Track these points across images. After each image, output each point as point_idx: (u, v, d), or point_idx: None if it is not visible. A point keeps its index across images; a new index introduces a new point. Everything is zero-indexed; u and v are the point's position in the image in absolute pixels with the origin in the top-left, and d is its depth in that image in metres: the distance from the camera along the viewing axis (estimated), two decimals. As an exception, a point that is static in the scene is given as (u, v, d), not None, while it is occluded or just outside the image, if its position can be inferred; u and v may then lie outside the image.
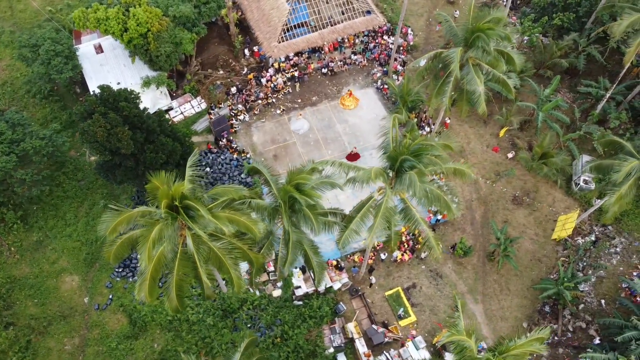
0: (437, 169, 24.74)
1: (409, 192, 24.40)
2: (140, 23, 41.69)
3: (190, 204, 23.00)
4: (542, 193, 44.67)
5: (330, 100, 49.03)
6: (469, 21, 32.13)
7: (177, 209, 23.12)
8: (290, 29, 48.08)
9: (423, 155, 24.45)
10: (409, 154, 24.59)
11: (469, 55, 31.75)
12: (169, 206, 23.15)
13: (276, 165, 45.20)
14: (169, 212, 22.93)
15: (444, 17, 34.16)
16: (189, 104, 47.66)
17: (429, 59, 32.94)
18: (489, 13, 31.24)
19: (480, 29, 30.61)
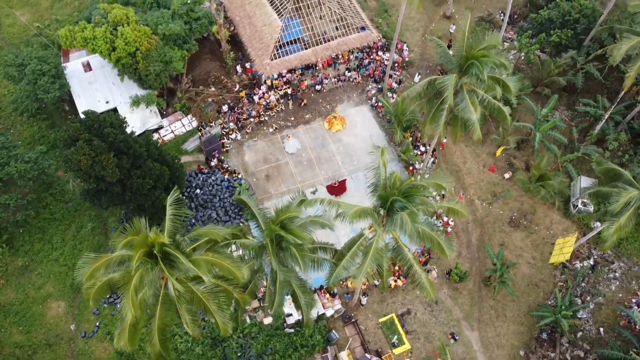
0: (430, 209, 23.78)
1: (401, 232, 23.47)
2: (128, 42, 40.70)
3: (170, 252, 22.03)
4: (539, 215, 43.79)
5: (324, 118, 48.08)
6: (463, 47, 31.16)
7: (157, 256, 22.14)
8: (282, 45, 47.13)
9: (415, 196, 23.52)
10: (400, 195, 23.66)
11: (463, 81, 30.82)
12: (148, 253, 22.17)
13: (268, 186, 44.31)
14: (147, 260, 21.96)
15: (437, 43, 33.18)
16: (180, 122, 46.68)
17: (422, 85, 31.99)
18: (483, 38, 30.26)
19: (474, 57, 29.69)
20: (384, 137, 46.90)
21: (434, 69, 51.12)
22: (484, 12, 54.91)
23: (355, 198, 43.63)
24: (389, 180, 24.52)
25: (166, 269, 21.62)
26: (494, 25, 53.65)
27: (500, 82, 30.55)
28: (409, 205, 22.93)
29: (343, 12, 48.81)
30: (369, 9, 54.69)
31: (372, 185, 26.03)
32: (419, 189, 23.60)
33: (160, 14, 44.23)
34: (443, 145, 44.90)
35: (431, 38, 33.92)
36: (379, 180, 25.24)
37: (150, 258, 22.31)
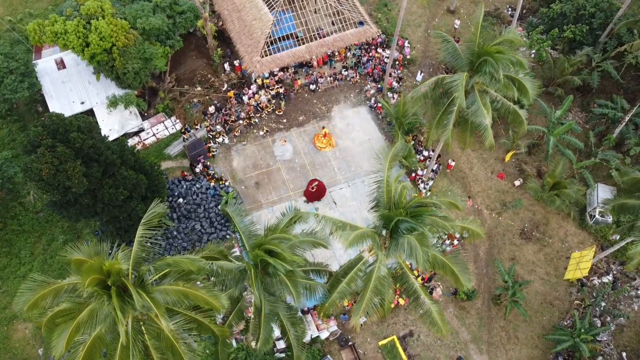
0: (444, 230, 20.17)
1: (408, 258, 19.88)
2: (103, 37, 37.01)
3: (126, 283, 18.37)
4: (552, 226, 40.26)
5: (319, 120, 44.45)
6: (474, 42, 27.57)
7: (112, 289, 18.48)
8: (274, 41, 43.46)
9: (424, 216, 19.92)
10: (406, 214, 20.06)
11: (475, 81, 27.22)
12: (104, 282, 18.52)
13: (258, 195, 40.66)
14: (102, 291, 18.32)
15: (443, 37, 29.52)
16: (163, 124, 43.01)
17: (429, 86, 28.37)
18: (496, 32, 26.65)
19: (487, 53, 26.09)
20: (383, 141, 43.29)
21: (437, 66, 47.55)
22: (491, 6, 51.33)
23: (352, 207, 40.15)
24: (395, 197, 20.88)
25: (121, 306, 17.95)
26: (502, 21, 50.08)
27: (516, 83, 26.95)
28: (418, 226, 19.34)
29: (340, 6, 45.15)
30: (367, 2, 51.07)
31: (374, 200, 22.37)
32: (429, 209, 20.02)
33: (140, 6, 40.58)
34: (450, 167, 41.21)
35: (436, 32, 30.25)
36: (381, 195, 21.57)
37: (107, 289, 18.66)
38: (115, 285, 18.34)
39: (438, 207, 20.53)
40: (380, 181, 21.98)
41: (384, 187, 21.24)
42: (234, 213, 22.95)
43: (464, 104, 26.15)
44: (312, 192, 40.25)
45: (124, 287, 19.21)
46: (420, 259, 18.64)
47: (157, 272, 20.01)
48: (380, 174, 22.28)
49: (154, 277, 19.73)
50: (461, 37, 48.46)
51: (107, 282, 18.41)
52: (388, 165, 21.78)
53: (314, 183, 40.21)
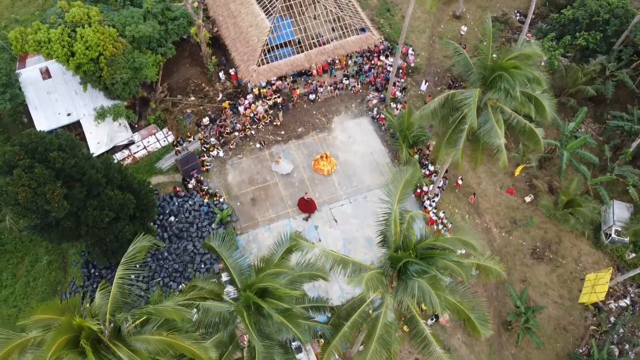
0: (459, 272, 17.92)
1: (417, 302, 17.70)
2: (90, 46, 34.85)
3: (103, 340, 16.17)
4: (565, 245, 38.10)
5: (319, 131, 42.24)
6: (487, 55, 25.36)
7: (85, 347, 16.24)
8: (271, 49, 41.26)
9: (437, 258, 17.74)
10: (417, 256, 17.88)
11: (488, 97, 25.02)
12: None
13: (254, 212, 38.45)
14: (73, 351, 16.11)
15: (455, 48, 27.27)
16: (154, 136, 40.83)
17: (439, 102, 26.16)
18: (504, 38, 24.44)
19: (503, 67, 23.89)
20: (387, 154, 41.09)
21: (443, 75, 45.36)
22: (498, 11, 49.13)
23: (354, 225, 37.98)
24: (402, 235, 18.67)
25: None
26: (510, 27, 47.92)
27: (533, 100, 24.75)
28: (430, 269, 17.16)
29: (340, 12, 42.96)
30: (369, 7, 48.89)
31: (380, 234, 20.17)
32: (444, 253, 17.83)
33: (129, 13, 38.41)
34: (459, 185, 39.04)
35: (447, 41, 28.12)
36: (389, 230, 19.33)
37: (78, 346, 16.44)
38: (89, 340, 16.10)
39: (452, 252, 18.29)
40: (389, 214, 19.70)
41: (392, 223, 18.97)
42: (221, 248, 20.65)
43: (476, 124, 23.97)
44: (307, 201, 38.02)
45: (98, 338, 16.99)
46: (434, 304, 16.48)
47: (137, 320, 17.75)
48: (389, 207, 19.98)
49: (131, 325, 17.47)
50: (468, 44, 46.30)
51: (79, 338, 16.18)
52: (398, 197, 19.47)
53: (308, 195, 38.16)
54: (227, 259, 20.65)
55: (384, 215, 20.05)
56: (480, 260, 19.77)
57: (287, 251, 22.52)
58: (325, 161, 39.18)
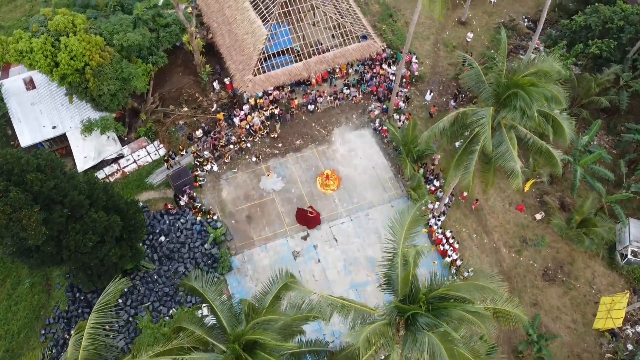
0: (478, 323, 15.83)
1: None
2: (74, 56, 32.80)
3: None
4: (578, 265, 36.06)
5: (318, 144, 40.19)
6: (502, 72, 23.29)
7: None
8: (268, 57, 39.20)
9: (450, 309, 15.71)
10: (427, 309, 15.83)
11: (502, 116, 22.97)
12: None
13: (250, 230, 36.39)
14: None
15: (469, 62, 25.14)
16: (144, 149, 38.78)
17: (448, 122, 24.12)
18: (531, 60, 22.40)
19: (518, 85, 21.85)
20: (389, 168, 39.04)
21: (448, 84, 43.30)
22: (505, 17, 47.07)
23: (355, 245, 35.95)
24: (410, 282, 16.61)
25: None
26: (518, 33, 45.86)
27: (550, 119, 22.72)
28: (441, 324, 15.11)
29: (341, 18, 40.89)
30: (370, 13, 46.83)
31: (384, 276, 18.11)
32: (459, 304, 15.78)
33: (118, 20, 36.35)
34: (464, 197, 37.02)
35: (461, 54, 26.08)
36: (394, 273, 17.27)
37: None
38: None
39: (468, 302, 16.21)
40: (394, 255, 17.63)
41: (397, 265, 16.91)
42: (205, 289, 18.57)
43: (491, 148, 21.95)
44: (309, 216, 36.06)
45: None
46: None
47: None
48: (394, 247, 17.90)
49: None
50: (474, 51, 44.26)
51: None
52: (404, 236, 17.42)
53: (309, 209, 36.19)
54: (213, 301, 18.57)
55: (388, 255, 17.93)
56: (498, 304, 17.66)
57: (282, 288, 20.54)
58: (330, 180, 37.10)
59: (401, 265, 16.92)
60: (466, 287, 16.80)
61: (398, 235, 17.61)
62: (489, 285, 17.03)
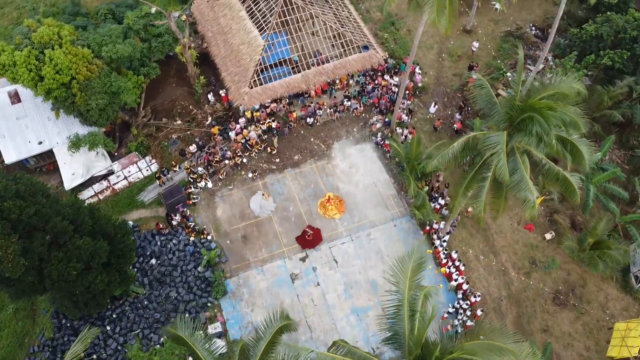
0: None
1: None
2: (60, 70, 31.06)
3: None
4: (590, 288, 34.37)
5: (317, 159, 38.47)
6: (517, 94, 21.54)
7: None
8: (265, 69, 37.45)
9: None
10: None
11: (517, 141, 21.23)
12: None
13: (245, 251, 34.69)
14: None
15: (480, 83, 23.32)
16: (136, 165, 37.05)
17: (458, 147, 22.34)
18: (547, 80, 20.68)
19: (534, 109, 20.12)
20: (392, 185, 37.33)
21: (453, 95, 41.58)
22: (512, 25, 45.33)
23: (356, 267, 34.27)
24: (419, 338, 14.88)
25: None
26: (525, 42, 44.09)
27: (568, 145, 21.01)
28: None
29: (341, 27, 39.15)
30: (372, 20, 45.07)
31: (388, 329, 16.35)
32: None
33: (107, 30, 34.63)
34: (469, 212, 35.32)
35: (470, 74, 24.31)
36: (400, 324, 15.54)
37: None
38: None
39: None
40: (400, 307, 15.88)
41: (404, 318, 15.18)
42: (193, 339, 16.82)
43: (507, 177, 20.22)
44: (307, 239, 34.50)
45: None
46: None
47: None
48: (399, 296, 16.14)
49: None
50: (479, 61, 42.58)
51: None
52: (408, 285, 15.68)
53: (310, 231, 34.54)
54: (200, 351, 16.83)
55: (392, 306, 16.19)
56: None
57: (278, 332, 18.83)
58: (332, 204, 35.33)
59: (408, 317, 15.18)
60: (482, 348, 15.06)
61: (402, 284, 15.87)
62: (507, 347, 15.27)
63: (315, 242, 34.85)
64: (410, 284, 15.79)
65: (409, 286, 15.77)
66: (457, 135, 39.00)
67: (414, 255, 16.36)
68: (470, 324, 31.61)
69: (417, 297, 16.73)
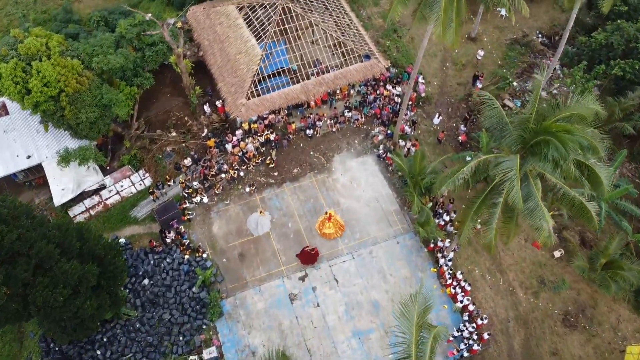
0: None
1: None
2: (48, 82, 29.68)
3: None
4: (601, 309, 33.00)
5: (317, 172, 37.10)
6: (532, 115, 20.15)
7: None
8: (263, 79, 36.10)
9: None
10: None
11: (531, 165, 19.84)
12: None
13: (242, 269, 33.33)
14: None
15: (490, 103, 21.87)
16: (129, 179, 35.68)
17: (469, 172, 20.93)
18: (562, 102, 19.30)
19: (550, 132, 18.74)
20: (395, 200, 35.96)
21: (457, 106, 40.21)
22: (518, 32, 43.96)
23: (358, 287, 32.91)
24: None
25: None
26: (532, 50, 42.74)
27: (586, 170, 19.65)
28: None
29: (342, 36, 37.79)
30: (373, 28, 43.68)
31: None
32: None
33: (98, 40, 33.29)
34: (476, 229, 33.92)
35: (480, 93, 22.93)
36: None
37: None
38: None
39: None
40: (408, 357, 14.54)
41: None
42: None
43: (521, 204, 18.85)
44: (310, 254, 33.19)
45: None
46: None
47: None
48: (407, 338, 14.83)
49: None
50: (485, 70, 41.24)
51: None
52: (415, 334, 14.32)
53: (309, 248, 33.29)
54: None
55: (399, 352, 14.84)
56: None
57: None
58: (331, 222, 33.93)
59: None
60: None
61: (408, 329, 14.52)
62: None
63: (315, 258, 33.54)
64: (417, 334, 14.42)
65: (416, 337, 14.41)
66: (462, 147, 37.73)
67: (419, 297, 14.99)
68: (477, 348, 30.25)
69: (426, 340, 15.40)
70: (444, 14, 22.46)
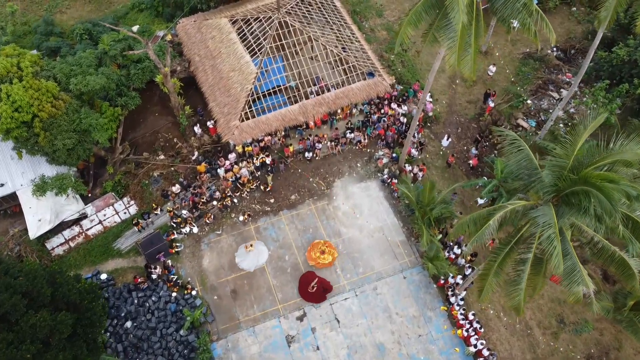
0: None
1: None
2: (20, 107, 26.87)
3: None
4: (627, 351, 30.31)
5: (316, 199, 34.32)
6: (569, 159, 17.32)
7: None
8: (258, 98, 33.31)
9: None
10: None
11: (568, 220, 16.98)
12: None
13: (235, 308, 30.54)
14: None
15: (517, 145, 18.95)
16: (112, 208, 32.81)
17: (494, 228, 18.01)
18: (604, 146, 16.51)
19: (589, 181, 15.94)
20: (400, 230, 33.19)
21: (467, 126, 37.46)
22: (531, 46, 41.15)
23: (361, 327, 30.11)
24: None
25: None
26: (546, 64, 39.96)
27: (630, 223, 16.88)
28: None
29: (343, 52, 35.00)
30: (377, 40, 40.87)
31: None
32: None
33: (77, 59, 30.46)
34: (492, 244, 31.32)
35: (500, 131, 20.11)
36: None
37: None
38: None
39: None
40: None
41: None
42: None
43: (562, 268, 16.08)
44: (312, 292, 30.48)
45: None
46: None
47: None
48: None
49: None
50: (497, 87, 38.48)
51: None
52: None
53: (314, 281, 30.48)
54: None
55: None
56: None
57: None
58: (328, 254, 31.19)
59: None
60: None
61: None
62: None
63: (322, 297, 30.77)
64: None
65: None
66: (473, 172, 34.99)
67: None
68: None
69: None
70: (460, 39, 19.71)
